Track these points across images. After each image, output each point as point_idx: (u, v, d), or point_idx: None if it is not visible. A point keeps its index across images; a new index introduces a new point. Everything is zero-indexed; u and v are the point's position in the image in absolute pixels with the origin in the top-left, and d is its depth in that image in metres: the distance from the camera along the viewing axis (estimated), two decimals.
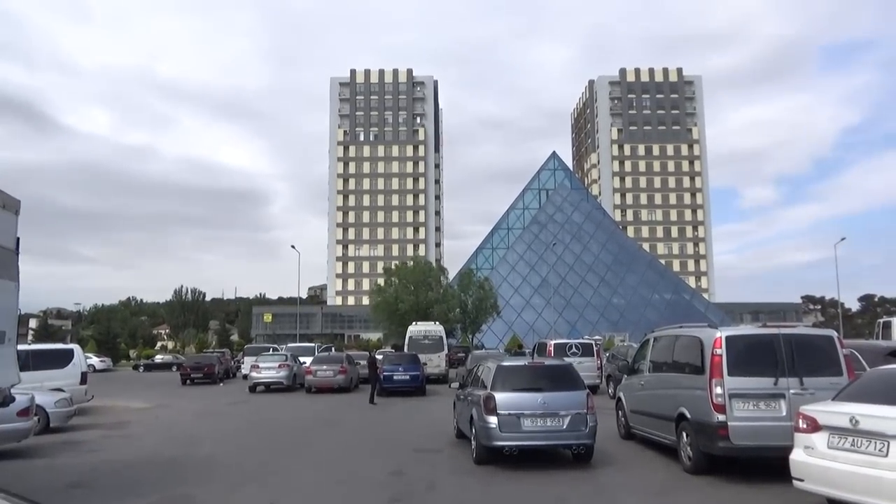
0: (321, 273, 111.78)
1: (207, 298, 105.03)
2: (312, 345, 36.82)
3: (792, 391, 7.88)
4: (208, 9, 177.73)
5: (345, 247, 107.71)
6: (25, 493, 2.65)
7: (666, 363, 9.72)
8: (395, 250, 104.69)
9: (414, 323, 31.37)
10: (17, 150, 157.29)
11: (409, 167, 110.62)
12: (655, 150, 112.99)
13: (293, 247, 53.88)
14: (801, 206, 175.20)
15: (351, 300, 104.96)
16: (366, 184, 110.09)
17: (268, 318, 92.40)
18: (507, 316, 66.00)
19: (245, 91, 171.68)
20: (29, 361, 15.28)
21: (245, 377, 29.73)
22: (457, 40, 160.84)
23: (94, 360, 48.05)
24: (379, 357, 25.38)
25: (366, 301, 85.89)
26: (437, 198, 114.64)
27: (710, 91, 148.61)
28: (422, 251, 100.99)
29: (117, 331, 73.02)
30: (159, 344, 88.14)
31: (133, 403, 21.09)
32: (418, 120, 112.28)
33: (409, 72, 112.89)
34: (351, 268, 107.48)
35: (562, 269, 73.98)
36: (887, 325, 20.53)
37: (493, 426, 9.10)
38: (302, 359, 28.07)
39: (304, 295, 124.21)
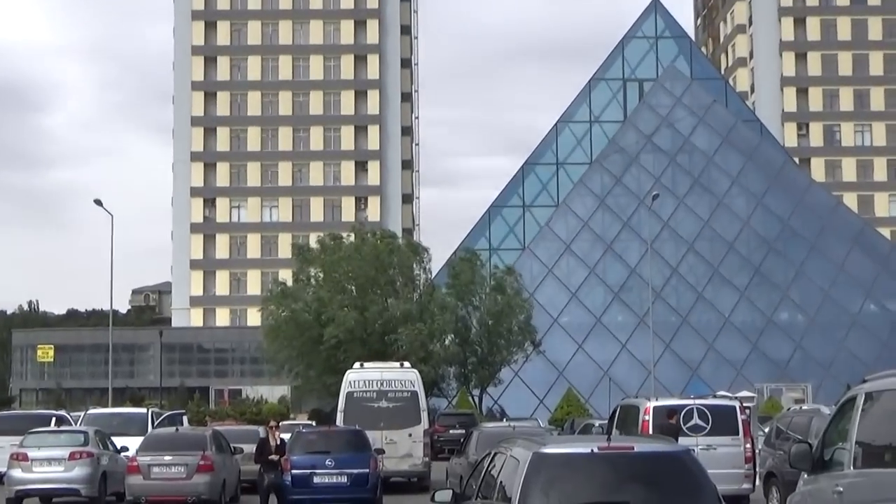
0: (160, 260, 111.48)
1: None
2: (142, 411, 38.29)
3: None
4: None
5: (209, 203, 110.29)
6: None
7: (891, 449, 9.78)
8: (317, 210, 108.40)
9: (358, 364, 32.63)
10: None
11: (347, 32, 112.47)
12: None
13: (98, 202, 57.36)
14: None
15: (221, 317, 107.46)
16: (252, 68, 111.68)
17: (47, 354, 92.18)
18: (554, 349, 67.68)
19: None
20: None
21: (0, 479, 29.92)
22: None
23: None
24: (283, 438, 26.04)
25: (252, 319, 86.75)
26: (407, 98, 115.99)
27: None
28: (374, 212, 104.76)
29: None
30: None
31: None
32: None
33: None
34: (221, 248, 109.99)
35: (671, 250, 75.62)
36: None
37: None
38: (120, 441, 28.74)
39: (123, 307, 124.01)
